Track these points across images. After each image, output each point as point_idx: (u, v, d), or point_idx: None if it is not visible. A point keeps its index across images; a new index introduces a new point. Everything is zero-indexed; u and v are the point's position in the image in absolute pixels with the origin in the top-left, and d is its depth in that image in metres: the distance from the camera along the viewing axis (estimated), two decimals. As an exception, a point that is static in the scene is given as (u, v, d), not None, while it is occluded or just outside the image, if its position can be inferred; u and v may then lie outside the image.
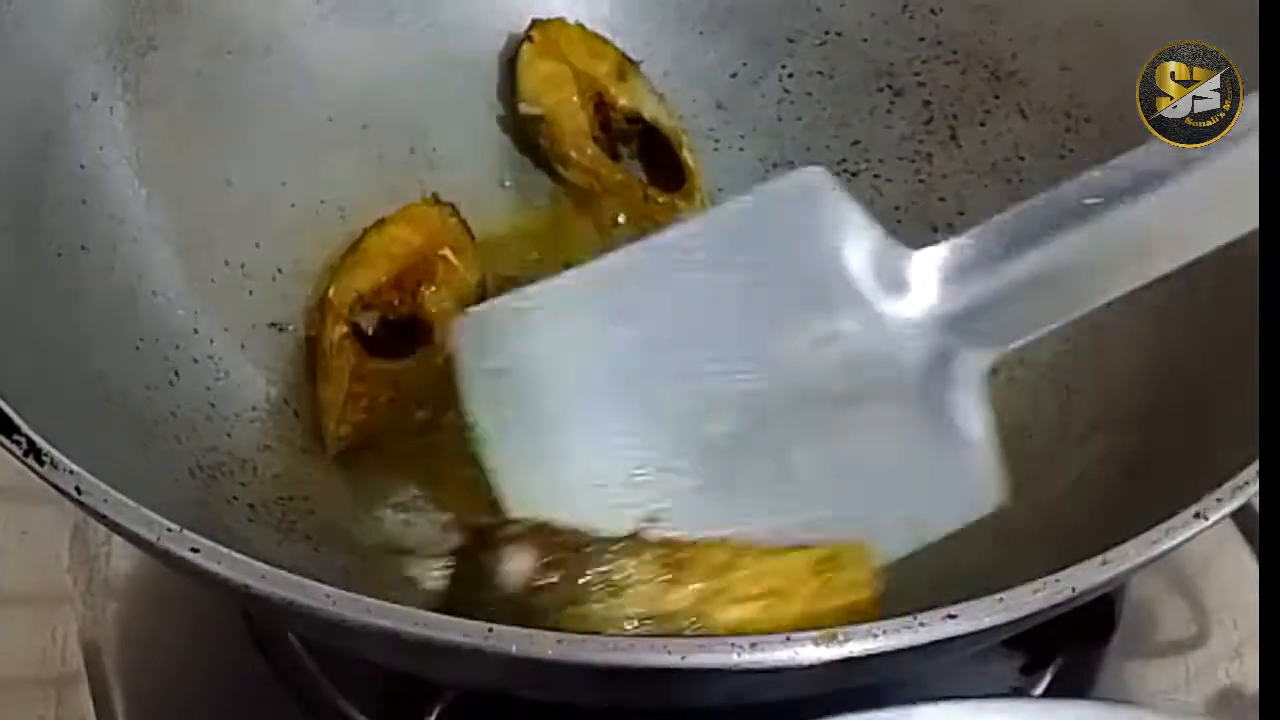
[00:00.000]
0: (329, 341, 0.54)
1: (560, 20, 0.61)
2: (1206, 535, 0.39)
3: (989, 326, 0.46)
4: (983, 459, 0.45)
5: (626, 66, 0.61)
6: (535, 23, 0.61)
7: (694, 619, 0.38)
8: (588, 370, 0.46)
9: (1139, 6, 0.54)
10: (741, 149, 0.62)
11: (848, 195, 0.48)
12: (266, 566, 0.36)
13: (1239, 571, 0.56)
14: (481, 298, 0.57)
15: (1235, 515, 0.39)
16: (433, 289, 0.55)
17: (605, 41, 0.61)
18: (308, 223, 0.57)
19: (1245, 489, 0.39)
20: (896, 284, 0.47)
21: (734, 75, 0.63)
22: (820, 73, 0.62)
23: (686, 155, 0.60)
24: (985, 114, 0.59)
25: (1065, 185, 0.45)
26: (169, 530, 0.36)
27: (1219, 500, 0.38)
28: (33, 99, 0.51)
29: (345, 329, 0.54)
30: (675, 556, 0.39)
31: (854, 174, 0.61)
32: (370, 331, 0.55)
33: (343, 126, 0.59)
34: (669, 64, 0.62)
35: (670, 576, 0.39)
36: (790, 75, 0.62)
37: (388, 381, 0.53)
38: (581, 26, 0.61)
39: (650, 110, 0.61)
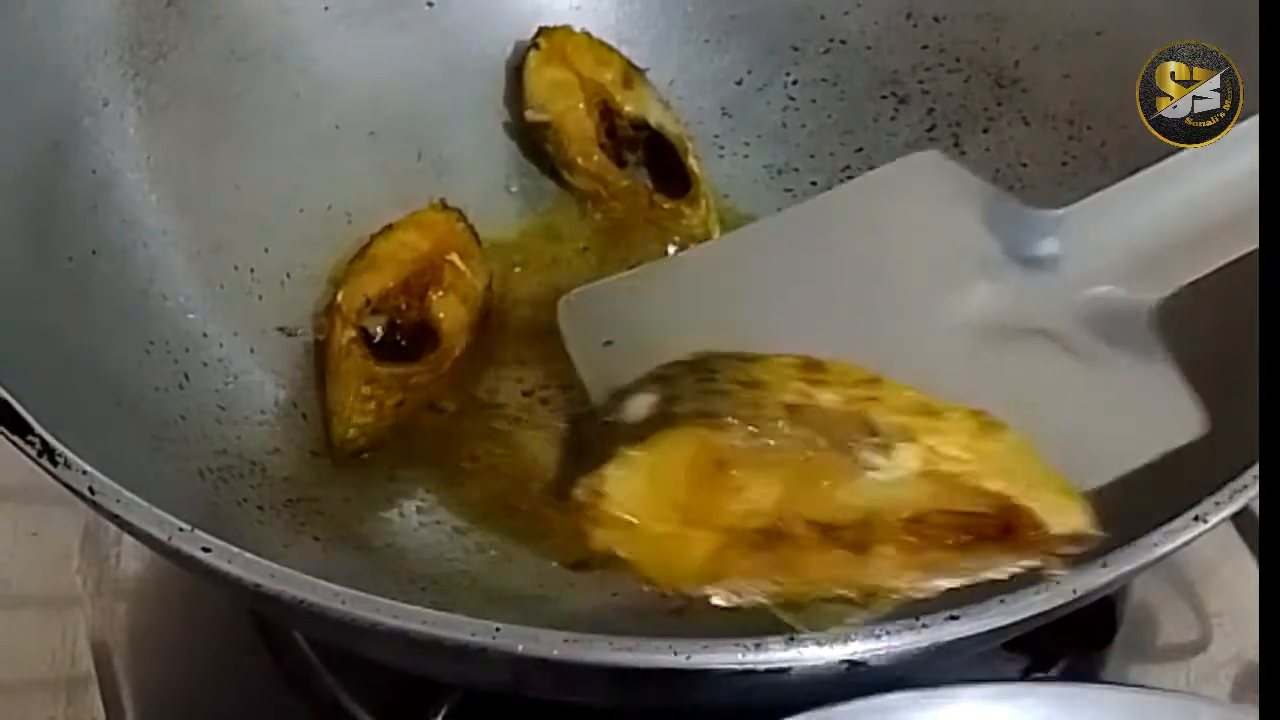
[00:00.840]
0: (337, 346, 0.54)
1: (567, 28, 0.62)
2: (1208, 539, 0.39)
3: (1144, 273, 0.45)
4: (1169, 388, 0.43)
5: (633, 74, 0.61)
6: (542, 30, 0.61)
7: (854, 416, 0.35)
8: (697, 343, 0.41)
9: (1140, 15, 0.55)
10: (746, 155, 0.63)
11: (964, 168, 0.47)
12: (277, 566, 0.36)
13: (1241, 576, 0.56)
14: (488, 302, 0.57)
15: (1236, 519, 0.39)
16: (440, 294, 0.56)
17: (611, 49, 0.62)
18: (316, 228, 0.58)
19: (1244, 492, 0.39)
20: (1032, 244, 0.45)
21: (739, 83, 0.63)
22: (825, 80, 0.62)
23: (692, 162, 0.60)
24: (989, 121, 0.60)
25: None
26: (181, 530, 0.37)
27: (1218, 504, 0.39)
28: (44, 105, 0.51)
29: (354, 333, 0.54)
30: (814, 365, 0.36)
31: (858, 180, 0.62)
32: (378, 336, 0.55)
33: (351, 133, 0.59)
34: (675, 72, 0.63)
35: (815, 378, 0.36)
36: (795, 83, 0.63)
37: (396, 385, 0.53)
38: (588, 34, 0.62)
39: (656, 117, 0.61)
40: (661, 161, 0.61)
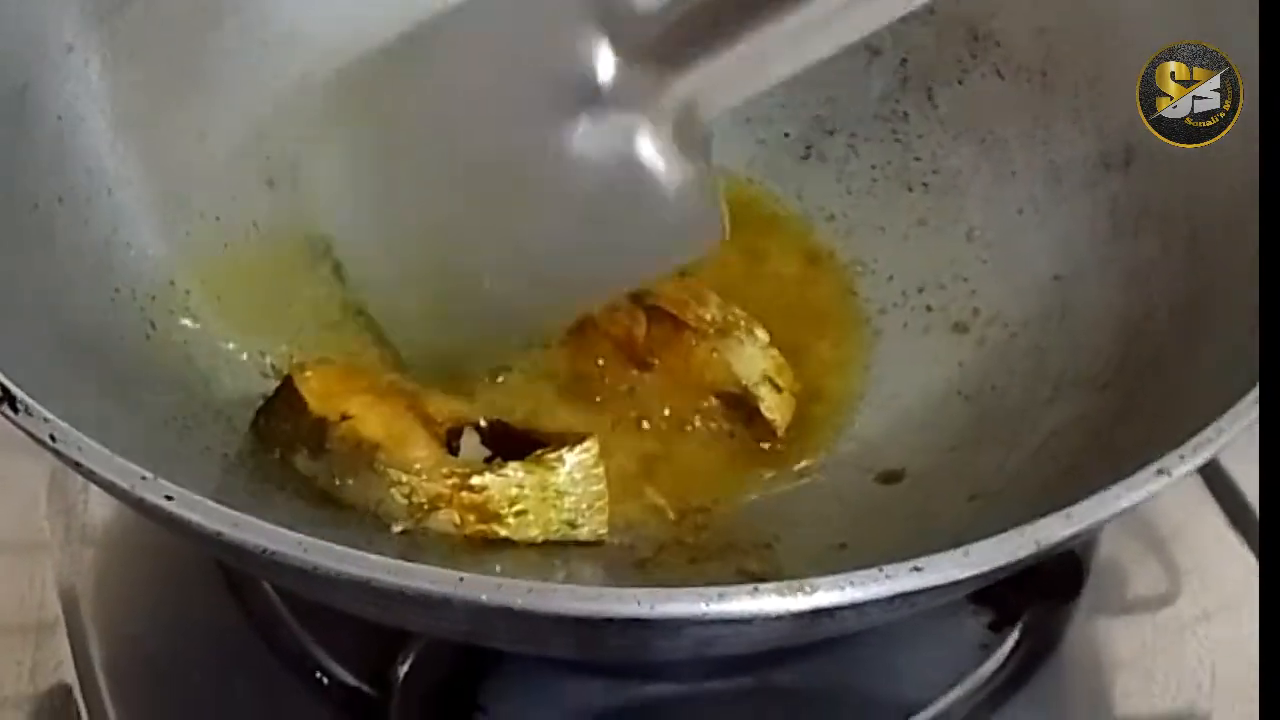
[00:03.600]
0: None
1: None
2: (1180, 496, 0.39)
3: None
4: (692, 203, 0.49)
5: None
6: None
7: None
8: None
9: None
10: (719, 108, 0.62)
11: None
12: (240, 514, 0.36)
13: (1211, 534, 0.56)
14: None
15: (1210, 479, 0.39)
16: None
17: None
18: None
19: (1208, 445, 0.39)
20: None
21: (712, 33, 0.62)
22: (798, 30, 0.62)
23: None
24: (962, 74, 0.59)
25: None
26: (144, 478, 0.36)
27: (1182, 457, 0.39)
28: (9, 51, 0.50)
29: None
30: None
31: (830, 132, 0.61)
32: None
33: (317, 82, 0.59)
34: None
35: None
36: (768, 33, 0.62)
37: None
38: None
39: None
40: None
